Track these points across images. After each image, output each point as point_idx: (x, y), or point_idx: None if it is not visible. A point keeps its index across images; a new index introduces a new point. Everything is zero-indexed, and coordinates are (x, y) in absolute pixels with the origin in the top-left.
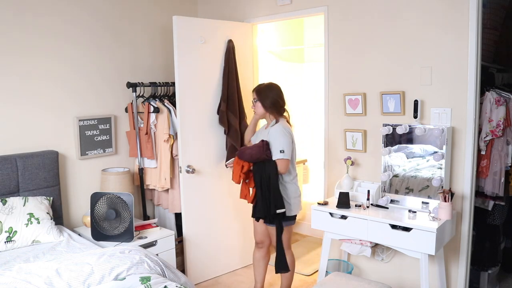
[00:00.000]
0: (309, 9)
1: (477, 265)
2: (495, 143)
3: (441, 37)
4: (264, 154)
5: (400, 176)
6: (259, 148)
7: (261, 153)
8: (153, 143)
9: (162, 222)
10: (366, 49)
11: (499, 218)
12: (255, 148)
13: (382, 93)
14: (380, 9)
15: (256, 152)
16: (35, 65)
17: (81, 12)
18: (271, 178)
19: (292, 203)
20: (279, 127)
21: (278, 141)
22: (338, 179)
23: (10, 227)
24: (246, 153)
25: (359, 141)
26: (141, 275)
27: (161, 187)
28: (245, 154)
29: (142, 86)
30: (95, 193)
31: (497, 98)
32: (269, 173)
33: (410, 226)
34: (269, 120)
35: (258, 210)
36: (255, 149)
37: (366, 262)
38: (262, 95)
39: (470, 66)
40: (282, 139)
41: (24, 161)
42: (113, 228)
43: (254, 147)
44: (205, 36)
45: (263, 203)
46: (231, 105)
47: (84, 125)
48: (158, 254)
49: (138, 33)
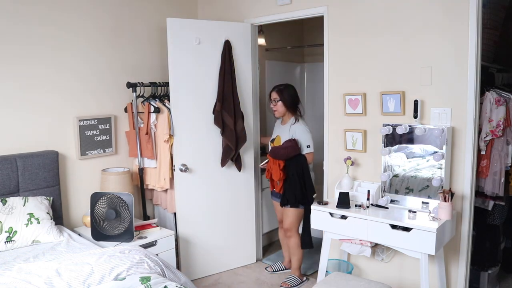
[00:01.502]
0: (309, 9)
1: (477, 265)
2: (495, 143)
3: (441, 37)
4: (297, 151)
5: (400, 176)
6: (294, 147)
7: (296, 150)
8: (153, 143)
9: (162, 222)
10: (366, 49)
11: (499, 218)
12: (290, 148)
13: (382, 93)
14: (380, 9)
15: (292, 150)
16: (35, 65)
17: (82, 12)
18: (304, 169)
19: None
20: (301, 125)
21: (304, 138)
22: (338, 179)
23: (10, 227)
24: (281, 153)
25: (359, 141)
26: (141, 275)
27: (160, 187)
28: (281, 154)
29: (142, 86)
30: (95, 193)
31: (497, 98)
32: (302, 166)
33: (410, 226)
34: (287, 118)
35: (290, 197)
36: (290, 148)
37: (366, 262)
38: (284, 95)
39: (470, 66)
40: (307, 136)
41: (24, 161)
42: (113, 228)
43: (288, 147)
44: (200, 37)
45: (300, 191)
46: (226, 106)
47: (84, 125)
48: (158, 254)
49: (138, 34)
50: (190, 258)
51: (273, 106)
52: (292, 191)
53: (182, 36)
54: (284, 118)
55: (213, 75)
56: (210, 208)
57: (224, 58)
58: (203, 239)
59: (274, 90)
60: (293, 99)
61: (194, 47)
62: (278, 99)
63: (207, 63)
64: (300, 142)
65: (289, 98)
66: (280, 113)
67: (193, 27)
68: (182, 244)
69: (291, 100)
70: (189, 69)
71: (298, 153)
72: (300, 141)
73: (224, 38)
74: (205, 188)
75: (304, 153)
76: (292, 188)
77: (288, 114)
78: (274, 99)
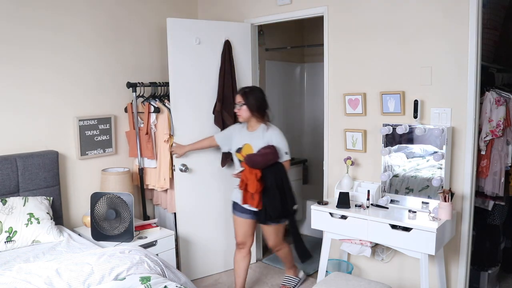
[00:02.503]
0: (309, 9)
1: (477, 265)
2: (495, 143)
3: (441, 37)
4: (276, 158)
5: (400, 176)
6: (274, 153)
7: (275, 158)
8: (153, 143)
9: (162, 222)
10: (366, 49)
11: (499, 218)
12: (269, 155)
13: (382, 93)
14: (380, 9)
15: (272, 158)
16: (35, 65)
17: (82, 12)
18: (284, 179)
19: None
20: (276, 130)
21: (282, 144)
22: (338, 179)
23: (10, 227)
24: (259, 161)
25: (359, 141)
26: (141, 275)
27: (160, 187)
28: (258, 161)
29: (142, 86)
30: (95, 193)
31: (497, 98)
32: (282, 175)
33: (410, 226)
34: (254, 124)
35: (273, 211)
36: (269, 156)
37: (366, 262)
38: (249, 99)
39: (470, 66)
40: (284, 142)
41: (24, 161)
42: (113, 228)
43: (268, 153)
44: (201, 37)
45: (281, 204)
46: (226, 106)
47: (84, 125)
48: (158, 254)
49: (138, 33)
50: (190, 258)
51: (237, 111)
52: (273, 204)
53: (182, 36)
54: (251, 123)
55: (213, 75)
56: (210, 208)
57: (224, 58)
58: (203, 239)
59: (239, 93)
60: (260, 104)
61: (194, 47)
62: (242, 103)
63: (207, 63)
64: (278, 148)
65: (256, 102)
66: (244, 118)
67: (193, 27)
68: (182, 244)
69: (257, 104)
70: (189, 69)
71: (277, 160)
72: (278, 148)
73: (224, 38)
74: (205, 188)
75: (283, 160)
76: (273, 201)
77: (254, 120)
78: (239, 102)
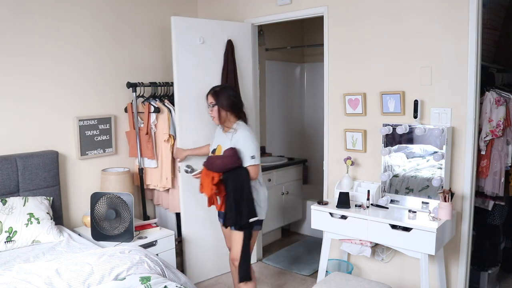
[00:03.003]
0: (309, 9)
1: (477, 265)
2: (495, 143)
3: (441, 37)
4: (237, 162)
5: (400, 176)
6: (232, 157)
7: (235, 162)
8: (153, 143)
9: (164, 223)
10: (366, 49)
11: (499, 218)
12: (228, 158)
13: (382, 93)
14: (380, 9)
15: (230, 162)
16: (35, 65)
17: (82, 12)
18: (244, 186)
19: (263, 206)
20: (245, 132)
21: (247, 147)
22: (338, 179)
23: (10, 227)
24: (216, 164)
25: (359, 141)
26: (141, 275)
27: (162, 187)
28: (216, 165)
29: (142, 86)
30: (95, 193)
31: (497, 98)
32: (242, 181)
33: (410, 226)
34: (229, 124)
35: (229, 217)
36: (228, 159)
37: (366, 262)
38: (220, 99)
39: (470, 66)
40: (251, 145)
41: (24, 161)
42: (113, 228)
43: (226, 157)
44: (204, 36)
45: (236, 212)
46: None
47: (84, 125)
48: (158, 254)
49: (138, 33)
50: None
51: (210, 112)
52: (229, 211)
53: (186, 35)
54: (226, 124)
55: (216, 75)
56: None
57: (227, 58)
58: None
59: (210, 92)
60: (233, 102)
61: (198, 46)
62: (213, 103)
63: (210, 63)
64: (243, 152)
65: (227, 102)
66: (217, 119)
67: (197, 26)
68: (187, 245)
69: (229, 103)
70: (193, 68)
71: (238, 165)
72: (242, 151)
73: (227, 37)
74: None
75: (247, 165)
76: (229, 208)
77: (228, 121)
78: (210, 103)
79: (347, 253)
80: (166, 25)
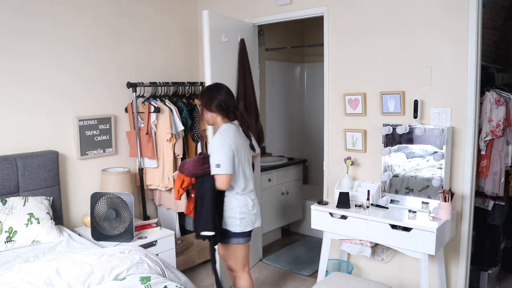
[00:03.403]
0: (309, 9)
1: (477, 265)
2: (495, 143)
3: (441, 37)
4: (200, 169)
5: (400, 176)
6: (195, 162)
7: (197, 168)
8: (153, 143)
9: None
10: (366, 49)
11: (499, 218)
12: (191, 163)
13: (382, 93)
14: (380, 9)
15: (192, 167)
16: (35, 65)
17: (81, 12)
18: (206, 195)
19: (240, 218)
20: (216, 138)
21: (213, 155)
22: (338, 179)
23: (10, 227)
24: (185, 168)
25: (359, 141)
26: (141, 275)
27: (165, 186)
28: (184, 169)
29: (142, 86)
30: (95, 193)
31: (497, 98)
32: (204, 190)
33: (410, 226)
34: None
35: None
36: (191, 164)
37: (366, 262)
38: (203, 99)
39: (470, 66)
40: (218, 153)
41: (24, 161)
42: (113, 228)
43: (191, 161)
44: (224, 33)
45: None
46: (248, 105)
47: (84, 125)
48: (158, 254)
49: (138, 33)
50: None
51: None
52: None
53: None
54: (217, 126)
55: (234, 73)
56: None
57: (242, 57)
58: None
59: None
60: (218, 103)
61: (222, 43)
62: (199, 105)
63: (230, 61)
64: (210, 159)
65: (210, 103)
66: (206, 120)
67: (220, 23)
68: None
69: (213, 104)
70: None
71: (202, 172)
72: (210, 159)
73: (239, 36)
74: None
75: (212, 173)
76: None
77: (216, 123)
78: (199, 105)
79: (347, 253)
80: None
